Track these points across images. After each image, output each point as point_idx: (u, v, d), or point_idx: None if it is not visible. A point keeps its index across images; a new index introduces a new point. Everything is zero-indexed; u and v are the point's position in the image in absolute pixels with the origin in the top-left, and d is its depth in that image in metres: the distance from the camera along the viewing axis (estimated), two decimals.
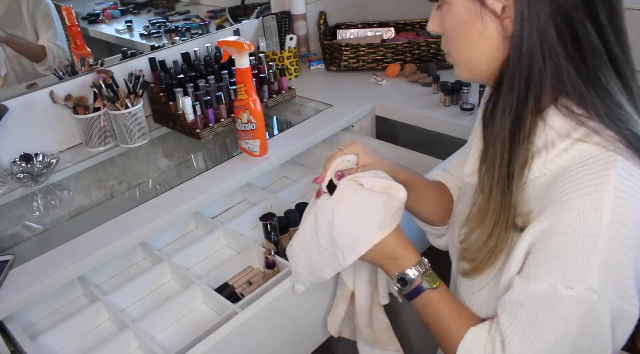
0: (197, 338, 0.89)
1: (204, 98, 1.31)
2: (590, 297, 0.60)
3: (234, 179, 1.16)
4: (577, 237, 0.60)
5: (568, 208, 0.60)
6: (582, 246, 0.59)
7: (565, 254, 0.61)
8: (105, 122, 1.32)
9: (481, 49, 0.67)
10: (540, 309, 0.63)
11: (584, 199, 0.60)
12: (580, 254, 0.60)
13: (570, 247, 0.60)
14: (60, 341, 0.99)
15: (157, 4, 1.75)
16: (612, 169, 0.60)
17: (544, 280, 0.62)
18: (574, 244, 0.60)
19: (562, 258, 0.61)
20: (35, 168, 1.18)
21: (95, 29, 1.62)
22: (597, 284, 0.59)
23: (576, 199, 0.60)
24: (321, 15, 1.71)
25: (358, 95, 1.52)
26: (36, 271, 0.92)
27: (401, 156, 1.37)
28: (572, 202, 0.60)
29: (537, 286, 0.63)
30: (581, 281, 0.60)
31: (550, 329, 0.63)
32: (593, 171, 0.61)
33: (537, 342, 0.64)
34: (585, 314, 0.61)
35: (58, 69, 1.37)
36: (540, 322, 0.63)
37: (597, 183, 0.60)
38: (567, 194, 0.61)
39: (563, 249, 0.61)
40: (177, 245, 1.24)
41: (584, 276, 0.60)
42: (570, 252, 0.60)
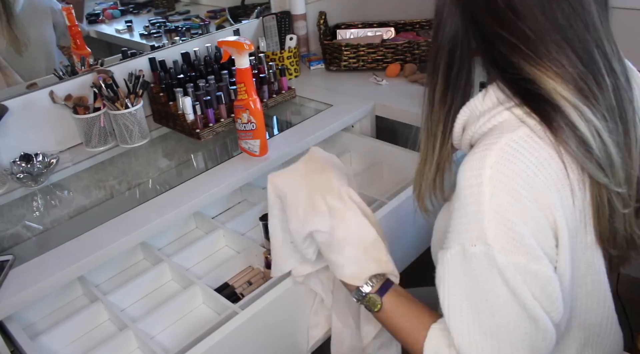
0: (197, 338, 0.89)
1: (204, 98, 1.31)
2: (490, 252, 0.61)
3: (234, 179, 1.16)
4: (468, 194, 0.63)
5: (463, 166, 0.64)
6: (473, 203, 0.62)
7: (464, 212, 0.63)
8: (105, 122, 1.32)
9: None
10: (461, 275, 0.65)
11: (474, 157, 0.63)
12: (473, 211, 0.62)
13: (466, 205, 0.63)
14: (60, 341, 0.99)
15: (157, 4, 1.74)
16: (508, 133, 0.63)
17: (456, 243, 0.65)
18: (467, 201, 0.63)
19: (464, 217, 0.64)
20: (35, 168, 1.18)
21: (95, 29, 1.62)
22: (491, 239, 0.61)
23: (470, 157, 0.64)
24: (321, 15, 1.71)
25: (358, 95, 1.52)
26: (36, 271, 0.92)
27: (401, 156, 1.37)
28: (466, 162, 0.64)
29: (451, 252, 0.65)
30: (479, 238, 0.62)
31: (474, 295, 0.64)
32: (494, 134, 0.64)
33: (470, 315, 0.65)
34: (495, 271, 0.62)
35: (58, 69, 1.37)
36: (465, 292, 0.65)
37: (489, 142, 0.63)
38: (468, 156, 0.65)
39: (462, 208, 0.64)
40: (177, 245, 1.24)
41: (480, 233, 0.62)
42: (466, 209, 0.63)
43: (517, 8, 0.62)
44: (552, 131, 0.62)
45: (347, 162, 1.50)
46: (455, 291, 0.66)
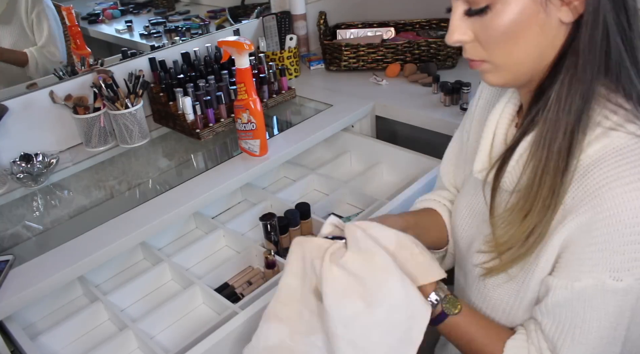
0: (197, 338, 0.89)
1: (204, 98, 1.31)
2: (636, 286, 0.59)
3: (234, 179, 1.16)
4: (622, 227, 0.58)
5: (609, 198, 0.58)
6: (628, 236, 0.58)
7: (609, 246, 0.59)
8: (105, 122, 1.32)
9: (538, 44, 0.63)
10: (589, 307, 0.62)
11: (627, 188, 0.58)
12: (627, 244, 0.58)
13: (615, 238, 0.58)
14: (60, 341, 0.99)
15: (157, 4, 1.75)
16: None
17: (589, 276, 0.60)
18: (618, 234, 0.58)
19: (607, 251, 0.59)
20: (35, 168, 1.18)
21: (95, 29, 1.62)
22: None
23: (618, 188, 0.58)
24: (321, 15, 1.71)
25: (358, 95, 1.52)
26: (36, 271, 0.92)
27: (401, 156, 1.37)
28: (614, 192, 0.58)
29: (583, 284, 0.61)
30: (631, 272, 0.58)
31: (601, 325, 0.62)
32: (632, 160, 0.59)
33: (590, 341, 0.63)
34: (637, 303, 0.60)
35: (58, 69, 1.37)
36: (590, 320, 0.62)
37: (637, 171, 0.58)
38: (607, 185, 0.59)
39: (607, 241, 0.59)
40: (177, 245, 1.24)
41: (633, 266, 0.58)
42: (614, 243, 0.59)
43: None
44: None
45: (347, 162, 1.50)
46: (577, 322, 0.63)
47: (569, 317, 0.64)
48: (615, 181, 0.59)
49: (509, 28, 0.61)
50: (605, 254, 0.59)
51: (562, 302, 0.64)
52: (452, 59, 1.61)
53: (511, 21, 0.60)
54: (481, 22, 0.62)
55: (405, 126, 1.45)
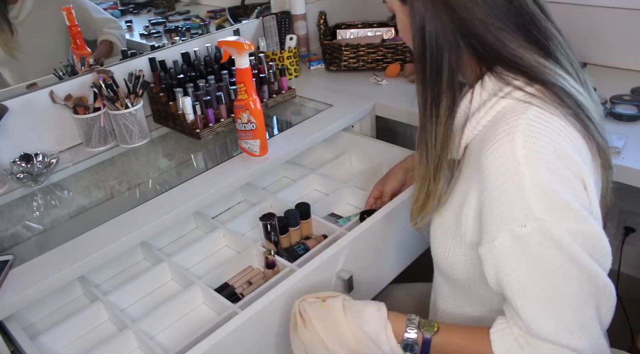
0: (197, 338, 0.89)
1: (204, 98, 1.31)
2: (544, 226, 0.63)
3: (234, 179, 1.16)
4: (505, 179, 0.64)
5: (489, 156, 0.66)
6: (512, 186, 0.64)
7: (504, 199, 0.65)
8: (105, 122, 1.32)
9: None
10: (515, 259, 0.65)
11: (499, 143, 0.65)
12: (515, 194, 0.64)
13: (504, 191, 0.65)
14: (61, 341, 0.99)
15: (157, 4, 1.74)
16: (522, 114, 0.66)
17: (502, 231, 0.65)
18: (505, 187, 0.64)
19: (504, 204, 0.65)
20: (35, 168, 1.18)
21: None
22: (542, 213, 0.63)
23: (493, 147, 0.66)
24: (321, 15, 1.71)
25: (358, 95, 1.52)
26: (36, 271, 0.92)
27: (401, 156, 1.37)
28: (491, 150, 0.66)
29: (500, 240, 0.66)
30: (528, 216, 0.63)
31: (534, 273, 0.65)
32: (507, 120, 0.67)
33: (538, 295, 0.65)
34: (551, 244, 0.63)
35: (58, 69, 1.37)
36: (525, 272, 0.65)
37: (508, 127, 0.66)
38: (489, 146, 0.67)
39: (499, 195, 0.65)
40: (177, 245, 1.24)
41: (528, 211, 0.63)
42: (506, 195, 0.65)
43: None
44: (559, 103, 0.67)
45: (347, 162, 1.50)
46: (514, 278, 0.66)
47: (510, 278, 0.67)
48: (493, 141, 0.67)
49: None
50: (503, 207, 0.65)
51: (493, 265, 0.68)
52: None
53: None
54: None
55: (405, 126, 1.45)
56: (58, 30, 1.38)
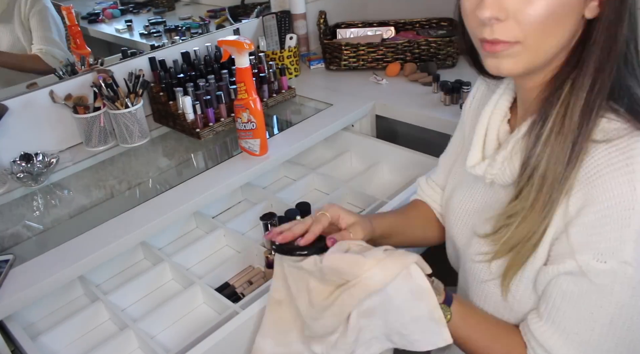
0: (197, 337, 0.89)
1: (204, 97, 1.31)
2: (625, 270, 0.58)
3: (234, 179, 1.16)
4: (612, 212, 0.58)
5: (599, 184, 0.59)
6: (616, 220, 0.58)
7: (598, 231, 0.59)
8: (105, 122, 1.32)
9: (569, 33, 0.63)
10: (572, 285, 0.62)
11: (616, 173, 0.58)
12: (615, 229, 0.58)
13: (604, 223, 0.59)
14: (61, 340, 0.99)
15: (156, 4, 1.74)
16: (639, 143, 0.59)
17: (574, 259, 0.61)
18: (607, 219, 0.59)
19: (595, 235, 0.59)
20: (35, 168, 1.18)
21: (95, 29, 1.62)
22: (632, 257, 0.58)
23: (607, 175, 0.59)
24: (321, 15, 1.71)
25: (358, 94, 1.52)
26: (36, 271, 0.92)
27: (401, 155, 1.37)
28: (604, 179, 0.59)
29: (567, 265, 0.61)
30: (615, 255, 0.58)
31: (585, 308, 0.62)
32: (621, 147, 0.59)
33: (573, 325, 0.63)
34: (621, 289, 0.59)
35: (58, 69, 1.37)
36: (576, 303, 0.62)
37: (627, 157, 0.59)
38: (597, 173, 0.60)
39: (596, 226, 0.59)
40: (177, 245, 1.24)
41: (618, 249, 0.58)
42: (603, 228, 0.59)
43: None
44: None
45: (347, 161, 1.50)
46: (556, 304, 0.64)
47: (556, 302, 0.64)
48: (604, 168, 0.59)
49: (553, 8, 0.59)
50: (593, 238, 0.60)
51: (552, 281, 0.64)
52: (452, 58, 1.61)
53: (560, 2, 0.59)
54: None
55: (405, 125, 1.45)
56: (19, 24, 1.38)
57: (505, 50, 0.63)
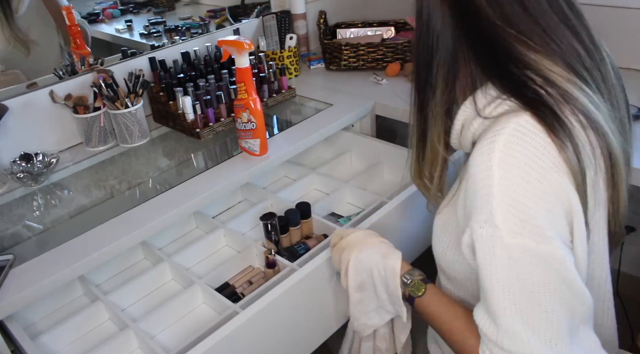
0: (197, 337, 0.89)
1: (204, 97, 1.30)
2: (498, 234, 0.62)
3: (234, 179, 1.16)
4: (478, 179, 0.64)
5: (473, 156, 0.66)
6: (483, 187, 0.64)
7: (474, 197, 0.65)
8: (105, 122, 1.32)
9: None
10: (476, 255, 0.66)
11: (484, 144, 0.65)
12: (484, 195, 0.63)
13: (476, 189, 0.65)
14: (61, 340, 0.99)
15: (156, 4, 1.74)
16: (513, 118, 0.64)
17: (467, 227, 0.67)
18: (477, 186, 0.64)
19: (475, 201, 0.65)
20: (35, 168, 1.18)
21: (95, 29, 1.62)
22: (500, 221, 0.62)
23: (480, 145, 0.65)
24: (321, 15, 1.71)
25: (358, 94, 1.52)
26: (36, 271, 0.92)
27: (401, 155, 1.37)
28: (476, 150, 0.65)
29: (466, 235, 0.67)
30: (488, 221, 0.63)
31: (486, 275, 0.65)
32: (500, 122, 0.66)
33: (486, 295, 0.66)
34: (500, 253, 0.63)
35: (58, 69, 1.37)
36: (484, 270, 0.66)
37: (498, 129, 0.65)
38: (477, 146, 0.66)
39: (472, 192, 0.65)
40: (177, 245, 1.24)
41: (489, 215, 0.63)
42: (476, 193, 0.64)
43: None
44: (556, 120, 0.64)
45: (347, 161, 1.50)
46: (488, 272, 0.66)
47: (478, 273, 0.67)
48: (480, 140, 0.66)
49: None
50: (474, 204, 0.65)
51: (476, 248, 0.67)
52: None
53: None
54: None
55: (406, 125, 1.44)
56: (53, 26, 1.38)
57: None
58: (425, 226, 1.22)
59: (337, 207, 1.32)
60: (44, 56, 1.40)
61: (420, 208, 1.17)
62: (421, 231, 1.19)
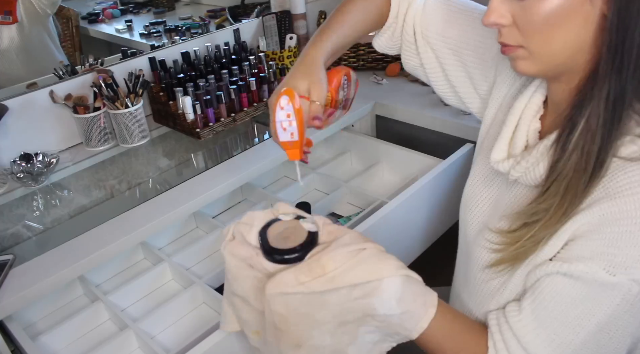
0: (197, 337, 0.89)
1: (204, 97, 1.30)
2: (631, 288, 0.58)
3: (234, 179, 1.16)
4: (636, 229, 0.58)
5: (630, 201, 0.58)
6: (638, 238, 0.58)
7: (618, 244, 0.59)
8: (105, 122, 1.32)
9: (578, 37, 0.61)
10: (570, 287, 0.61)
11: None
12: (633, 246, 0.58)
13: (627, 238, 0.58)
14: (61, 340, 0.99)
15: (157, 4, 1.74)
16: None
17: (584, 263, 0.60)
18: (631, 235, 0.58)
19: (614, 248, 0.59)
20: (35, 168, 1.18)
21: (95, 29, 1.62)
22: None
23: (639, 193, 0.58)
24: (321, 15, 1.70)
25: (358, 94, 1.51)
26: (36, 271, 0.92)
27: (401, 155, 1.37)
28: (637, 196, 0.58)
29: (573, 267, 0.60)
30: (628, 271, 0.58)
31: (575, 313, 0.61)
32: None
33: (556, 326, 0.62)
34: (620, 304, 0.59)
35: (58, 69, 1.37)
36: (567, 305, 0.61)
37: None
38: (631, 189, 0.59)
39: (617, 239, 0.59)
40: (177, 245, 1.24)
41: (633, 266, 0.58)
42: (625, 242, 0.58)
43: None
44: None
45: (347, 161, 1.50)
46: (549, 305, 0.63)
47: (550, 293, 0.63)
48: (638, 186, 0.58)
49: (551, 14, 0.59)
50: (610, 250, 0.59)
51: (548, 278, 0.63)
52: None
53: (554, 7, 0.59)
54: (522, 5, 0.61)
55: (405, 125, 1.45)
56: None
57: (512, 52, 0.66)
58: (425, 228, 1.22)
59: (337, 207, 1.32)
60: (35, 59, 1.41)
61: (421, 208, 1.17)
62: (420, 232, 1.19)
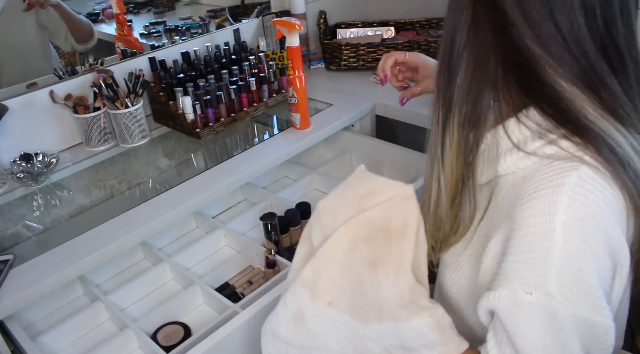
0: (197, 337, 0.89)
1: (204, 97, 1.30)
2: (550, 303, 0.57)
3: (234, 179, 1.16)
4: (533, 240, 0.58)
5: (526, 209, 0.59)
6: (538, 249, 0.57)
7: (523, 258, 0.59)
8: (105, 122, 1.32)
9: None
10: (505, 317, 0.60)
11: (540, 201, 0.58)
12: (537, 259, 0.57)
13: (527, 251, 0.58)
14: (61, 340, 0.99)
15: (156, 4, 1.74)
16: (573, 172, 0.58)
17: (505, 287, 0.60)
18: (530, 247, 0.58)
19: (521, 262, 0.59)
20: (35, 168, 1.18)
21: (95, 29, 1.62)
22: (556, 290, 0.56)
23: (533, 200, 0.59)
24: (321, 15, 1.71)
25: (358, 94, 1.52)
26: (36, 271, 0.92)
27: (401, 155, 1.37)
28: (530, 204, 0.59)
29: (499, 294, 0.60)
30: (539, 287, 0.57)
31: (517, 338, 0.60)
32: (554, 173, 0.59)
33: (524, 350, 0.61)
34: (549, 322, 0.58)
35: (58, 69, 1.37)
36: (509, 331, 0.61)
37: (555, 184, 0.58)
38: (528, 196, 0.59)
39: (521, 252, 0.59)
40: (177, 245, 1.24)
41: (542, 281, 0.57)
42: (527, 255, 0.58)
43: (558, 19, 0.57)
44: (609, 163, 0.58)
45: (347, 161, 1.50)
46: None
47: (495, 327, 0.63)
48: (534, 193, 0.59)
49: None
50: (519, 266, 0.59)
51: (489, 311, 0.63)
52: None
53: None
54: None
55: (406, 125, 1.45)
56: (35, 28, 1.37)
57: None
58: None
59: None
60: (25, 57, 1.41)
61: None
62: None
